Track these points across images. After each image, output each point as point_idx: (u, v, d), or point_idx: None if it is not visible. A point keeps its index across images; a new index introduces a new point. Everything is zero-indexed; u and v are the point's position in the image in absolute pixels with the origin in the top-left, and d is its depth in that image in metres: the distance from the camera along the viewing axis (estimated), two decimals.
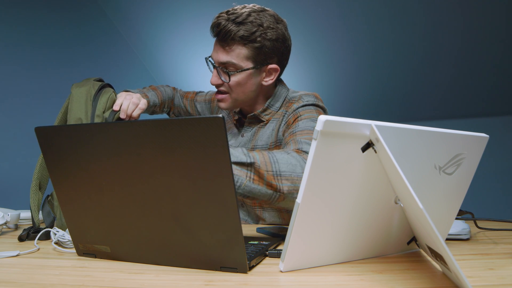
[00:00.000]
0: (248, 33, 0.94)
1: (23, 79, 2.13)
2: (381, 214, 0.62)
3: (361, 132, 0.54)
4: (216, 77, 1.01)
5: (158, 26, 2.96)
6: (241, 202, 1.18)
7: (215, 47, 1.00)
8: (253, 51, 0.96)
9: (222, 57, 0.97)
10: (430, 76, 3.06)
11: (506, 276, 0.54)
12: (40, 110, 2.18)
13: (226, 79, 0.99)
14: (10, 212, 1.00)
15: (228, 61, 0.97)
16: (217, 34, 0.97)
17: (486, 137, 0.65)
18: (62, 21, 2.44)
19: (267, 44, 0.96)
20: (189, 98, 1.31)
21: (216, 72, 1.01)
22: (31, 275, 0.58)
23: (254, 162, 0.76)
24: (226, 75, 0.99)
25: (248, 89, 1.02)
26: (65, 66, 2.42)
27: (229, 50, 0.96)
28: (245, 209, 1.18)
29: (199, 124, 0.52)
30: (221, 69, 0.99)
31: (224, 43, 0.96)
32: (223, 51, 0.97)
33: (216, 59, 0.99)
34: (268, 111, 1.08)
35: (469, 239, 0.79)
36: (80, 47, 2.57)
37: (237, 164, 0.75)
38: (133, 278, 0.56)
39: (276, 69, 1.02)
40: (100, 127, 0.61)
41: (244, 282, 0.53)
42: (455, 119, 3.43)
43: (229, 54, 0.96)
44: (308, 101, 1.02)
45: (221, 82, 1.01)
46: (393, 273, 0.56)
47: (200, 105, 1.28)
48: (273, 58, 1.00)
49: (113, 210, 0.62)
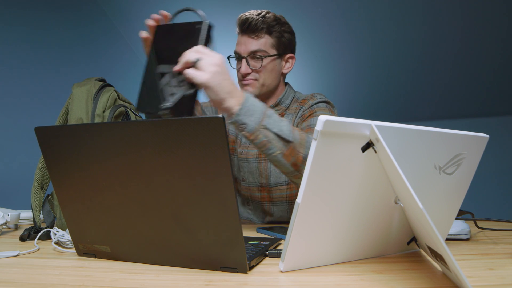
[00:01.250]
0: (272, 24, 1.11)
1: (23, 79, 2.13)
2: (381, 214, 0.62)
3: (361, 132, 0.54)
4: (246, 67, 1.11)
5: None
6: (249, 198, 1.19)
7: (242, 40, 1.12)
8: (276, 40, 1.12)
9: (252, 46, 1.10)
10: (430, 76, 3.06)
11: (506, 276, 0.54)
12: (40, 110, 2.18)
13: (257, 65, 1.11)
14: (10, 212, 1.00)
15: (258, 49, 1.10)
16: (246, 28, 1.10)
17: (486, 137, 0.65)
18: (62, 21, 2.44)
19: (285, 35, 1.14)
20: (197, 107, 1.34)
21: (245, 62, 1.11)
22: (31, 275, 0.58)
23: (293, 142, 0.80)
24: (259, 60, 1.11)
25: (273, 75, 1.15)
26: (65, 66, 2.42)
27: (258, 39, 1.11)
28: (251, 206, 1.19)
29: (199, 124, 0.52)
30: (251, 57, 1.11)
31: (253, 34, 1.11)
32: (252, 41, 1.11)
33: (245, 50, 1.11)
34: (279, 107, 1.19)
35: (469, 239, 0.79)
36: (80, 47, 2.57)
37: (278, 136, 0.78)
38: (133, 278, 0.56)
39: (293, 57, 1.19)
40: (100, 127, 0.61)
41: (244, 282, 0.53)
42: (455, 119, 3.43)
43: (258, 42, 1.10)
44: (321, 99, 1.15)
45: (250, 71, 1.12)
46: (393, 273, 0.57)
47: (207, 109, 1.32)
48: (290, 48, 1.17)
49: (113, 210, 0.62)
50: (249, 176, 1.17)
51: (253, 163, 1.16)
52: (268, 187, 1.15)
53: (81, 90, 0.96)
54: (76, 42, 2.55)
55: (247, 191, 1.19)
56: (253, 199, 1.18)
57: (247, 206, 1.21)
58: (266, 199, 1.16)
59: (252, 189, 1.18)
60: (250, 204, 1.20)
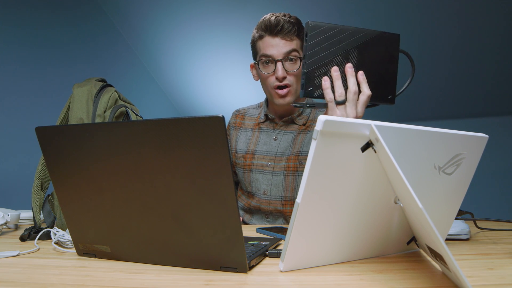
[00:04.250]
0: (299, 26, 1.11)
1: (23, 79, 2.13)
2: (381, 214, 0.62)
3: (361, 132, 0.54)
4: (283, 70, 1.09)
5: (158, 25, 2.96)
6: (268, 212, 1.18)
7: (273, 42, 1.09)
8: (301, 43, 1.11)
9: (287, 47, 1.08)
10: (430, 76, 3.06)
11: (505, 275, 0.54)
12: (40, 110, 2.18)
13: (293, 67, 1.09)
14: (10, 212, 1.00)
15: (293, 48, 1.09)
16: (279, 30, 1.08)
17: (485, 137, 0.65)
18: (62, 20, 2.44)
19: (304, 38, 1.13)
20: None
21: (281, 65, 1.08)
22: (31, 275, 0.58)
23: None
24: (292, 62, 1.10)
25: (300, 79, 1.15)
26: (65, 66, 2.42)
27: (291, 40, 1.09)
28: (270, 219, 1.19)
29: (199, 124, 0.52)
30: (287, 58, 1.09)
31: (286, 36, 1.09)
32: (285, 42, 1.09)
33: (280, 52, 1.08)
34: (303, 115, 1.20)
35: (468, 239, 0.79)
36: (79, 47, 2.57)
37: None
38: (133, 278, 0.56)
39: None
40: (100, 127, 0.61)
41: (244, 282, 0.53)
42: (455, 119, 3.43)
43: (292, 43, 1.09)
44: None
45: (286, 75, 1.09)
46: (393, 273, 0.57)
47: (231, 134, 1.32)
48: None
49: (113, 210, 0.62)
50: (273, 189, 1.16)
51: (280, 175, 1.15)
52: (292, 200, 1.14)
53: (81, 90, 0.96)
54: (76, 42, 2.55)
55: (267, 204, 1.17)
56: (274, 212, 1.17)
57: (266, 219, 1.19)
58: (288, 213, 1.15)
59: (274, 202, 1.16)
60: (269, 217, 1.19)
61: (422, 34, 2.69)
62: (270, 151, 1.19)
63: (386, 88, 0.84)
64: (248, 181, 1.21)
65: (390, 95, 0.84)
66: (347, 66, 0.81)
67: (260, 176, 1.18)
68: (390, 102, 0.84)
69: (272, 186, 1.16)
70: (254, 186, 1.19)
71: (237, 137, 1.29)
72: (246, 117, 1.32)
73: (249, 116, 1.32)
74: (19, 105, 2.10)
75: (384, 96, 0.84)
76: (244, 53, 3.24)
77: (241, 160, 1.24)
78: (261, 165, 1.19)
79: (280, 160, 1.16)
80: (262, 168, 1.18)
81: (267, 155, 1.19)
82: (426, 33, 2.68)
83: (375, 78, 0.82)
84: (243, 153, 1.24)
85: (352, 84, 0.80)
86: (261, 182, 1.18)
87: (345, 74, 0.81)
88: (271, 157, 1.18)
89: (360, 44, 0.81)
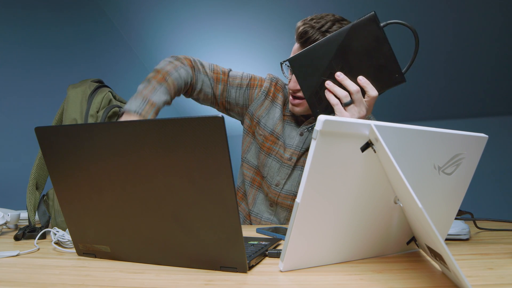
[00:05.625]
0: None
1: (23, 79, 2.13)
2: (380, 214, 0.62)
3: (361, 132, 0.54)
4: (295, 82, 1.04)
5: (158, 25, 2.96)
6: (274, 202, 1.16)
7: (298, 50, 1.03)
8: None
9: None
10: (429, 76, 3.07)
11: (505, 275, 0.54)
12: (40, 110, 2.18)
13: None
14: (10, 212, 1.00)
15: None
16: (304, 41, 1.00)
17: (485, 137, 0.65)
18: (62, 21, 2.44)
19: None
20: (223, 82, 1.17)
21: (294, 78, 1.03)
22: (31, 275, 0.58)
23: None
24: None
25: None
26: (65, 66, 2.42)
27: None
28: (274, 208, 1.17)
29: (199, 124, 0.52)
30: None
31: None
32: None
33: None
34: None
35: (468, 239, 0.79)
36: (80, 47, 2.57)
37: None
38: (133, 277, 0.56)
39: None
40: (100, 127, 0.61)
41: (243, 282, 0.53)
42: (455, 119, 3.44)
43: None
44: None
45: (297, 88, 1.04)
46: (393, 272, 0.57)
47: (234, 90, 1.18)
48: None
49: (113, 210, 0.62)
50: (287, 182, 1.14)
51: (298, 171, 1.13)
52: None
53: (76, 91, 0.96)
54: (76, 42, 2.55)
55: (275, 195, 1.16)
56: (280, 205, 1.15)
57: (270, 208, 1.17)
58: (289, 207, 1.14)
59: (284, 196, 1.14)
60: (273, 206, 1.17)
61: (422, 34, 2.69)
62: (295, 145, 1.14)
63: (389, 71, 0.80)
64: (262, 162, 1.17)
65: (396, 74, 0.80)
66: (335, 75, 0.81)
67: (276, 165, 1.14)
68: (400, 81, 0.81)
69: (288, 180, 1.13)
70: (267, 171, 1.16)
71: (268, 109, 1.18)
72: (279, 94, 1.19)
73: (281, 95, 1.20)
74: (19, 105, 2.10)
75: (391, 79, 0.81)
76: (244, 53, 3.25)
77: (262, 138, 1.16)
78: (281, 155, 1.14)
79: (303, 155, 1.13)
80: (281, 159, 1.14)
81: (291, 148, 1.14)
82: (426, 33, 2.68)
83: (372, 69, 0.80)
84: (267, 131, 1.16)
85: (351, 86, 0.80)
86: (275, 172, 1.14)
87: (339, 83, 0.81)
88: (295, 151, 1.14)
89: (338, 49, 0.80)
